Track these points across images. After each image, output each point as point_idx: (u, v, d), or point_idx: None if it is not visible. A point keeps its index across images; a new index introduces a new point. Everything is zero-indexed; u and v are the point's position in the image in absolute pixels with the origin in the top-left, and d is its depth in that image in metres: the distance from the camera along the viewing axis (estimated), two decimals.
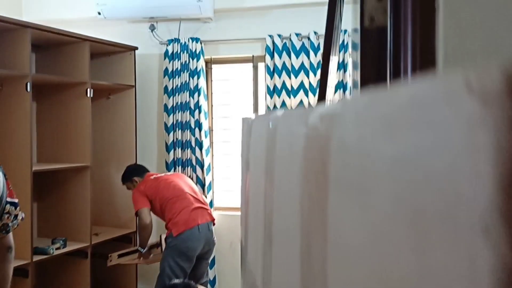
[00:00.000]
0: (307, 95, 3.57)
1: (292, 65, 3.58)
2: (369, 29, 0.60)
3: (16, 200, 1.51)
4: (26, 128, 2.86)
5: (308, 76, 3.57)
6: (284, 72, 3.61)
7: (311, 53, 3.54)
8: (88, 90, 3.30)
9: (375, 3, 0.59)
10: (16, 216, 1.50)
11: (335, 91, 3.47)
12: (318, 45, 3.53)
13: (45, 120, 3.48)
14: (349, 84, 3.49)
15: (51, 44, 3.40)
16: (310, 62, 3.55)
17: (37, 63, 3.51)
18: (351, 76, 3.35)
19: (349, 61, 3.47)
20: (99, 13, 3.67)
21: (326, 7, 1.14)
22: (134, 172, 3.34)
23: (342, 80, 3.51)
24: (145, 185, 3.19)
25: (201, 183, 3.75)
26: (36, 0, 4.02)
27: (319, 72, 3.16)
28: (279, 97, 3.62)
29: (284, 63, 3.60)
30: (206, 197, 3.72)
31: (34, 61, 3.50)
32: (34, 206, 3.50)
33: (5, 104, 2.92)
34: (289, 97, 3.60)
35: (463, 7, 0.46)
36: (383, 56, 0.58)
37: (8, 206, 1.49)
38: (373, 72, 0.60)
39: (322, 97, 1.13)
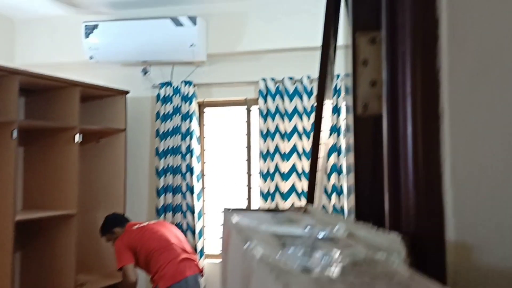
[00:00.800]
0: (301, 139, 3.51)
1: (285, 109, 3.54)
2: (362, 117, 0.53)
3: None
4: (9, 176, 2.76)
5: (302, 120, 3.52)
6: (277, 116, 3.56)
7: (305, 97, 3.51)
8: (77, 135, 3.22)
9: (368, 89, 0.53)
10: None
11: (330, 135, 3.42)
12: (312, 89, 3.50)
13: (33, 165, 3.38)
14: (342, 128, 3.44)
15: (41, 89, 3.35)
16: (304, 106, 3.51)
17: (27, 107, 3.45)
18: (345, 119, 3.31)
19: (342, 105, 3.43)
20: (91, 57, 3.65)
21: (319, 52, 1.10)
22: (114, 223, 3.13)
23: (336, 124, 3.47)
24: (129, 236, 2.99)
25: (191, 229, 3.63)
26: (28, 45, 4.00)
27: (313, 115, 3.11)
28: (272, 140, 3.55)
29: (277, 106, 3.56)
30: (196, 244, 3.59)
31: (24, 106, 3.44)
32: (18, 255, 3.36)
33: None
34: (283, 141, 3.54)
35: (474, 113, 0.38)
36: (378, 150, 0.51)
37: None
38: (367, 164, 0.53)
39: (316, 141, 1.05)
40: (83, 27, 3.60)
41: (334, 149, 3.44)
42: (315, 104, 0.88)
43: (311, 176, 0.79)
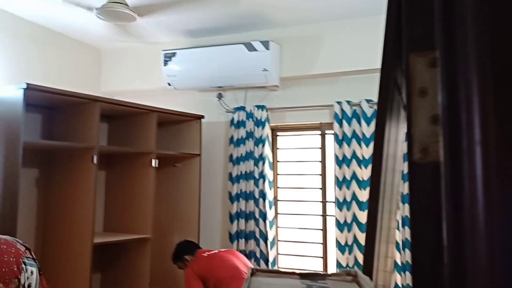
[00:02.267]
0: None
1: (363, 133, 3.34)
2: (420, 164, 0.40)
3: None
4: (90, 200, 2.87)
5: None
6: (354, 140, 3.37)
7: None
8: (153, 160, 3.30)
9: (428, 127, 0.40)
10: None
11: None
12: None
13: (113, 189, 3.52)
14: None
15: (122, 115, 3.51)
16: None
17: (110, 132, 3.63)
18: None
19: None
20: (169, 84, 3.76)
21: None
22: (185, 250, 3.12)
23: None
24: (198, 264, 2.96)
25: (264, 258, 3.52)
26: (112, 74, 4.24)
27: None
28: (348, 167, 3.36)
29: (354, 130, 3.38)
30: None
31: (106, 131, 3.62)
32: (98, 276, 3.48)
33: (73, 176, 2.98)
34: (360, 167, 3.33)
35: None
36: (437, 207, 0.37)
37: None
38: (426, 228, 0.39)
39: (376, 182, 0.89)
40: (162, 55, 3.73)
41: None
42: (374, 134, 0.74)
43: (370, 231, 0.65)
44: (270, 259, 3.51)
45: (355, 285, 0.55)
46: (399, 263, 3.13)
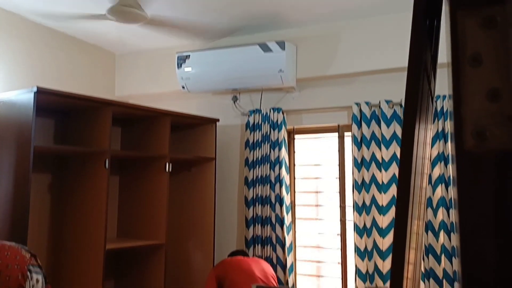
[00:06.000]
0: None
1: (382, 135, 3.22)
2: (474, 153, 0.31)
3: None
4: (102, 205, 2.81)
5: None
6: (373, 143, 3.25)
7: None
8: (167, 164, 3.23)
9: (484, 105, 0.30)
10: None
11: (434, 166, 3.02)
12: None
13: (127, 194, 3.47)
14: (450, 156, 3.02)
15: (135, 119, 3.45)
16: None
17: (123, 136, 3.58)
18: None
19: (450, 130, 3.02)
20: (183, 87, 3.70)
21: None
22: (231, 254, 3.26)
23: (443, 151, 3.05)
24: (219, 265, 3.04)
25: (281, 264, 3.41)
26: (127, 79, 4.20)
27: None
28: (367, 170, 3.24)
29: (373, 132, 3.26)
30: (287, 280, 3.37)
31: (120, 136, 3.57)
32: (112, 282, 3.43)
33: (86, 181, 2.93)
34: (380, 171, 3.21)
35: None
36: (502, 206, 0.28)
37: None
38: (482, 227, 0.30)
39: (407, 173, 0.79)
40: (176, 58, 3.68)
41: (442, 179, 3.02)
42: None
43: (398, 237, 0.55)
44: (288, 265, 3.40)
45: None
46: (423, 270, 2.99)
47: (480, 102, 0.30)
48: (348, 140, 3.47)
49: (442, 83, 3.04)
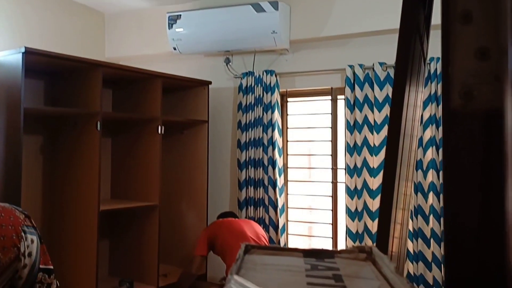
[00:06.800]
0: None
1: (375, 98, 3.21)
2: (461, 113, 0.31)
3: (51, 267, 1.33)
4: (95, 166, 2.82)
5: None
6: (366, 105, 3.25)
7: None
8: (159, 127, 3.22)
9: (472, 63, 0.30)
10: (49, 285, 1.33)
11: (425, 128, 3.03)
12: None
13: (119, 156, 3.47)
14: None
15: (126, 81, 3.41)
16: None
17: (114, 98, 3.54)
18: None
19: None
20: (175, 48, 3.64)
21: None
22: (218, 217, 3.31)
23: (435, 114, 3.07)
24: (212, 226, 3.12)
25: (273, 225, 3.48)
26: (117, 39, 4.11)
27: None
28: (360, 133, 3.26)
29: (366, 95, 3.25)
30: (279, 240, 3.44)
31: (111, 97, 3.53)
32: (106, 242, 3.48)
33: (78, 142, 2.93)
34: (372, 133, 3.22)
35: None
36: (490, 168, 0.28)
37: (40, 274, 1.31)
38: (468, 190, 0.30)
39: (393, 145, 0.80)
40: (167, 18, 3.59)
41: (433, 141, 3.05)
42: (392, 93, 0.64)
43: (385, 197, 0.56)
44: (280, 226, 3.47)
45: (370, 265, 0.45)
46: (411, 230, 3.07)
47: (468, 61, 0.30)
48: (341, 103, 3.47)
49: (437, 45, 3.01)
